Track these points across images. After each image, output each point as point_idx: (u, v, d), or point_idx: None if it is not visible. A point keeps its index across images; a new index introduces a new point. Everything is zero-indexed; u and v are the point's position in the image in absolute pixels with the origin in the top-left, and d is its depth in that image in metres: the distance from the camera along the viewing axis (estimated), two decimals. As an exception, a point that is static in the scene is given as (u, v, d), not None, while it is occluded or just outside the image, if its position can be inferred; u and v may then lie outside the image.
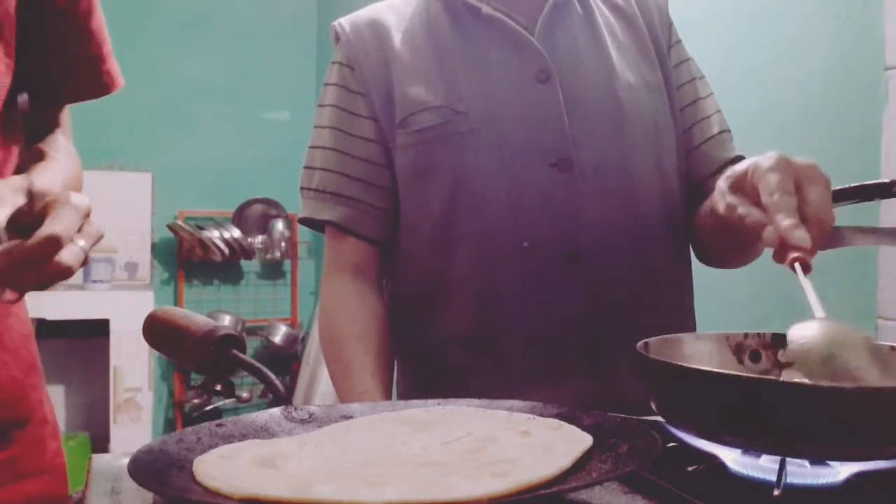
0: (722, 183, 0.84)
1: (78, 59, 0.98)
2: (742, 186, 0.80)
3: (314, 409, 0.73)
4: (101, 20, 0.99)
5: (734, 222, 0.80)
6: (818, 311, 0.69)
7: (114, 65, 1.01)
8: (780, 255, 0.74)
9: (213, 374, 0.75)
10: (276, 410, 0.71)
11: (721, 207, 0.82)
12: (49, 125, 1.00)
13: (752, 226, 0.77)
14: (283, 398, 0.72)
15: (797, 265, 0.72)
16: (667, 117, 1.10)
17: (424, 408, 0.75)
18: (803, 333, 0.68)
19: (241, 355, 0.72)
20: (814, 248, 0.73)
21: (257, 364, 0.72)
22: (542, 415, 0.71)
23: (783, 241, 0.73)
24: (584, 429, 0.65)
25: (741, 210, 0.79)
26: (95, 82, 1.00)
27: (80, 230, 0.68)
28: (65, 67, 0.97)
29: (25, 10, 0.89)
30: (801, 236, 0.72)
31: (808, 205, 0.75)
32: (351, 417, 0.73)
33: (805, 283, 0.71)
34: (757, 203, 0.77)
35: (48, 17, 0.93)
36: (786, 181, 0.75)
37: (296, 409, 0.72)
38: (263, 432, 0.68)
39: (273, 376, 0.72)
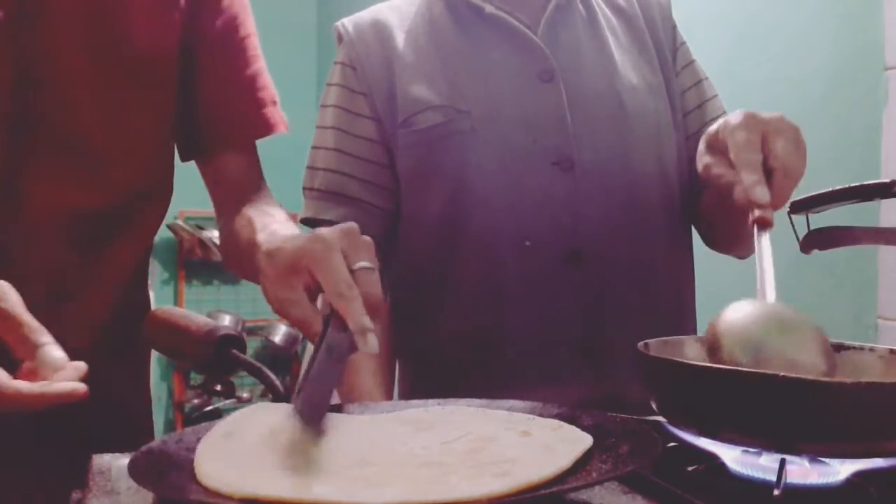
0: (701, 144, 0.85)
1: (233, 105, 0.98)
2: (716, 145, 0.81)
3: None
4: (260, 69, 0.99)
5: (712, 182, 0.82)
6: (768, 291, 0.69)
7: (276, 111, 1.01)
8: (747, 214, 0.75)
9: (212, 374, 0.75)
10: None
11: (699, 167, 0.84)
12: (246, 175, 1.01)
13: (727, 186, 0.78)
14: (282, 398, 0.72)
15: (755, 227, 0.72)
16: (668, 118, 1.10)
17: (424, 408, 0.75)
18: (734, 315, 0.68)
19: (241, 355, 0.72)
20: (778, 201, 0.74)
21: (257, 364, 0.72)
22: (542, 415, 0.71)
23: (750, 203, 0.74)
24: (584, 429, 0.65)
25: (716, 170, 0.80)
26: (254, 126, 1.00)
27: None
28: (222, 114, 0.98)
29: (184, 55, 0.92)
30: (761, 193, 0.73)
31: (774, 156, 0.76)
32: None
33: (763, 246, 0.72)
34: (728, 161, 0.78)
35: (205, 63, 0.95)
36: (752, 136, 0.77)
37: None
38: None
39: (273, 376, 0.72)
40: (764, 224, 0.73)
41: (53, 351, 0.63)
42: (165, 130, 0.94)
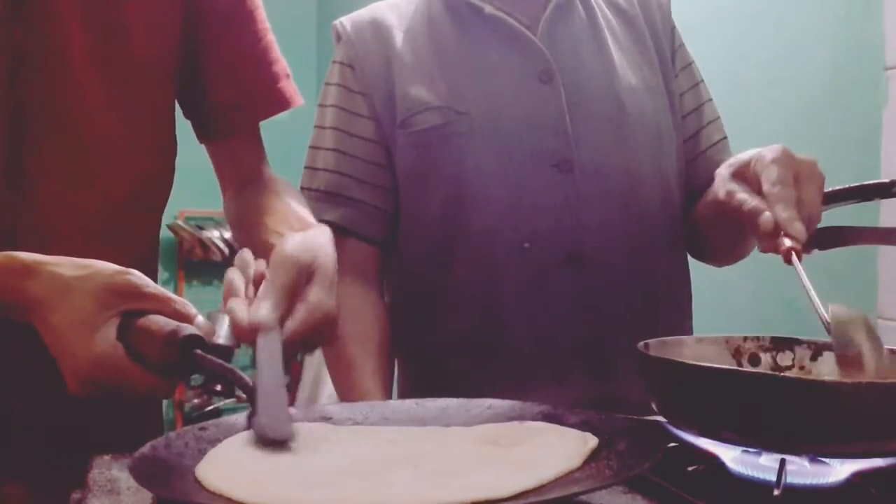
0: (724, 170, 0.87)
1: (246, 82, 0.96)
2: (744, 174, 0.83)
3: (292, 411, 0.71)
4: (269, 43, 0.97)
5: (733, 208, 0.83)
6: (814, 297, 0.74)
7: (290, 84, 0.99)
8: (769, 244, 0.78)
9: (178, 378, 0.71)
10: None
11: (721, 193, 0.85)
12: (248, 154, 1.00)
13: (750, 212, 0.80)
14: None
15: (793, 255, 0.76)
16: (667, 119, 1.10)
17: (410, 426, 0.72)
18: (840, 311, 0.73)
19: (208, 356, 0.67)
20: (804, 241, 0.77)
21: (227, 365, 0.67)
22: (523, 414, 0.69)
23: (777, 230, 0.77)
24: (570, 427, 0.65)
25: (740, 196, 0.82)
26: (270, 102, 0.98)
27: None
28: (235, 92, 0.96)
29: (188, 37, 0.91)
30: (799, 229, 0.76)
31: (802, 203, 0.79)
32: (330, 419, 0.72)
33: (800, 270, 0.75)
34: (757, 191, 0.81)
35: (213, 41, 0.93)
36: (787, 174, 0.79)
37: None
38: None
39: (245, 377, 0.67)
40: (799, 255, 0.76)
41: (203, 319, 0.71)
42: (168, 117, 0.94)
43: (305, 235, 0.79)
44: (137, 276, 0.70)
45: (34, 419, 0.85)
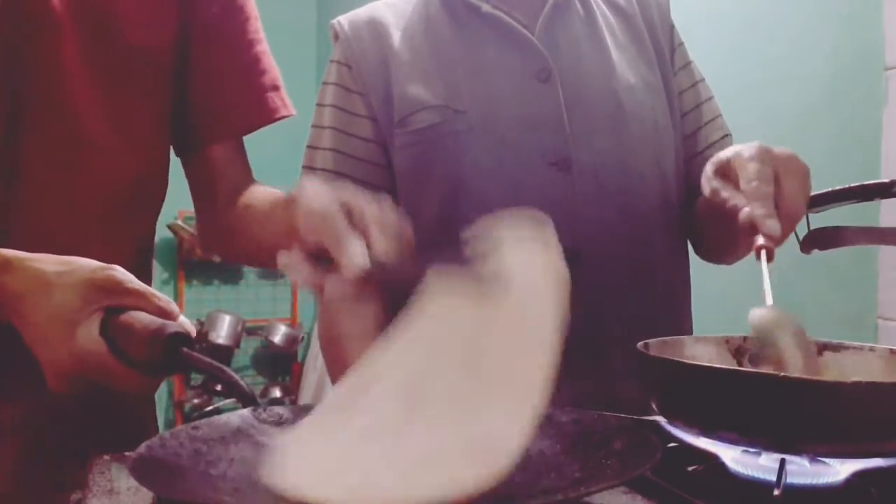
0: (708, 167, 0.87)
1: (234, 91, 0.96)
2: (726, 172, 0.84)
3: (282, 411, 0.70)
4: (260, 53, 0.97)
5: (717, 205, 0.84)
6: (769, 298, 0.74)
7: (278, 95, 0.98)
8: (748, 240, 0.78)
9: (161, 374, 0.70)
10: (247, 412, 0.68)
11: (706, 190, 0.86)
12: (234, 165, 0.99)
13: (731, 209, 0.80)
14: (249, 399, 0.67)
15: (762, 253, 0.76)
16: (666, 118, 1.10)
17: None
18: (763, 314, 0.73)
19: (195, 354, 0.66)
20: (781, 238, 0.77)
21: (216, 363, 0.66)
22: None
23: (754, 228, 0.77)
24: (562, 425, 0.65)
25: (723, 194, 0.83)
26: (255, 113, 0.97)
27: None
28: (220, 101, 0.95)
29: (180, 40, 0.91)
30: (773, 226, 0.76)
31: (782, 197, 0.79)
32: None
33: (765, 270, 0.76)
34: (738, 188, 0.81)
35: (202, 48, 0.93)
36: (764, 170, 0.79)
37: (264, 411, 0.69)
38: (240, 434, 0.66)
39: (236, 375, 0.66)
40: (769, 254, 0.76)
41: (185, 320, 0.71)
42: (162, 119, 0.93)
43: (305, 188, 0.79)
44: (120, 272, 0.70)
45: (34, 419, 0.85)
